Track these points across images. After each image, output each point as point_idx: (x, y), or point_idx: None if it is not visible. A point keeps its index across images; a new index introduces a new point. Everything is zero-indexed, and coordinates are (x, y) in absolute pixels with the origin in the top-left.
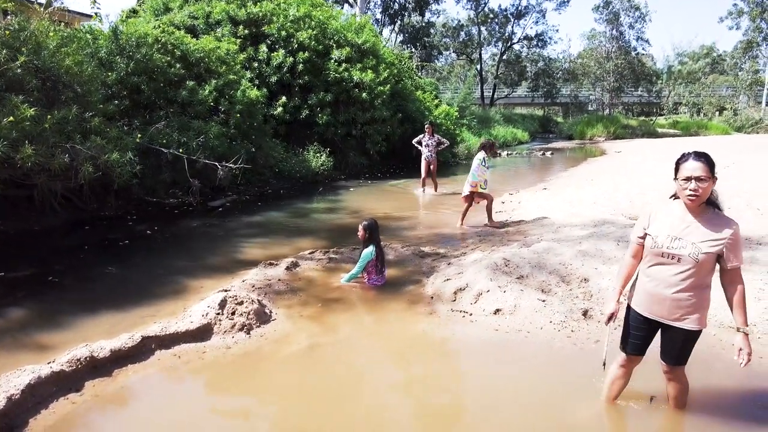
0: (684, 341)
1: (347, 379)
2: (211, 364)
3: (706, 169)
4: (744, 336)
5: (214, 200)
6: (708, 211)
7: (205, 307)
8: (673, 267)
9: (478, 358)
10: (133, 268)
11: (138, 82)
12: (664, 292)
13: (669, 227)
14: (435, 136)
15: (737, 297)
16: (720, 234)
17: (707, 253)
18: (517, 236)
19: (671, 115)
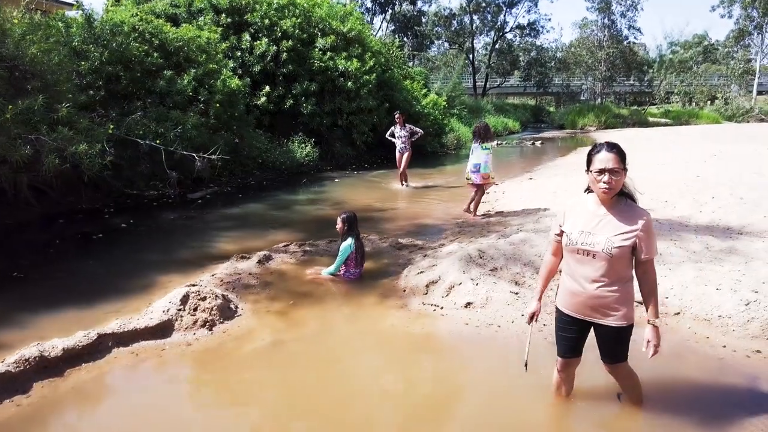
0: (616, 338)
1: (306, 377)
2: (170, 361)
3: (618, 160)
4: (653, 329)
5: (195, 192)
6: (621, 203)
7: (166, 303)
8: (589, 263)
9: (445, 354)
10: (102, 262)
11: (113, 71)
12: (584, 290)
13: (582, 223)
14: (407, 126)
15: (649, 289)
16: (632, 226)
17: (620, 246)
18: (497, 227)
19: (663, 104)
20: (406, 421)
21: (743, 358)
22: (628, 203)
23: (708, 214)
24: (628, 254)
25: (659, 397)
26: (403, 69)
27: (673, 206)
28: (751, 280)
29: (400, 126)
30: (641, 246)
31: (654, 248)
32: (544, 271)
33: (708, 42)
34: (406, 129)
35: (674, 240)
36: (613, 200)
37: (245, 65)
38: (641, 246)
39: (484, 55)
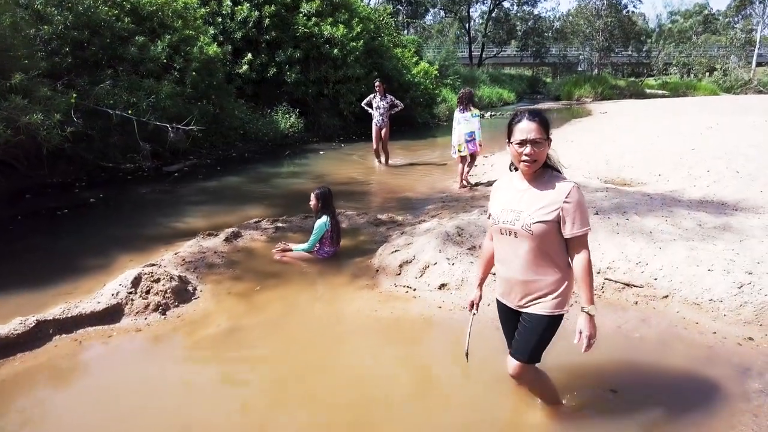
0: (536, 329)
1: (255, 369)
2: (115, 349)
3: (540, 130)
4: (587, 317)
5: (171, 165)
6: (544, 176)
7: (116, 286)
8: (512, 243)
9: (412, 342)
10: (63, 240)
11: (79, 37)
12: (511, 275)
13: (505, 200)
14: (387, 96)
15: (579, 271)
16: (554, 198)
17: (541, 221)
18: (482, 201)
19: (660, 75)
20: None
21: (734, 347)
22: (552, 175)
23: (702, 189)
24: (554, 231)
25: (641, 389)
26: (394, 36)
27: (666, 180)
28: (745, 260)
29: (380, 95)
30: (565, 220)
31: (583, 223)
32: (483, 258)
33: (708, 11)
34: (386, 99)
35: (665, 216)
36: (537, 173)
37: (226, 32)
38: (565, 220)
39: (480, 23)
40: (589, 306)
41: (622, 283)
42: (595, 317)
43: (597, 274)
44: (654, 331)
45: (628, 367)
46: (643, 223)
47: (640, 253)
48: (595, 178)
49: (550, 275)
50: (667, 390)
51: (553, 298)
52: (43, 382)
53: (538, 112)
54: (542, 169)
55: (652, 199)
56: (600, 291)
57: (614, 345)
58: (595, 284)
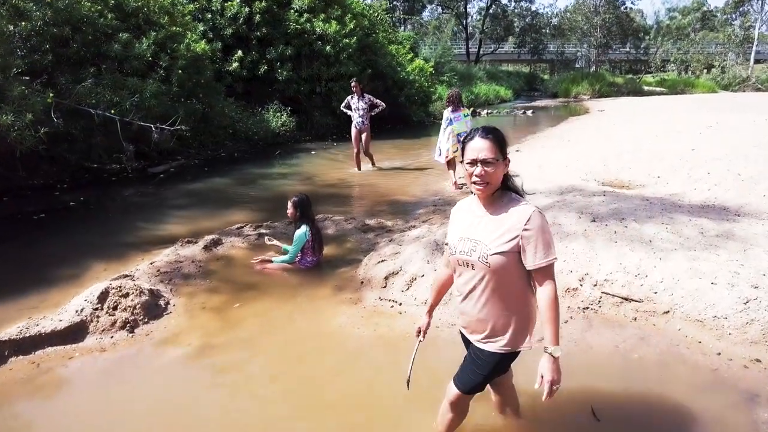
0: (486, 366)
1: (226, 393)
2: (75, 373)
3: (493, 149)
4: (550, 359)
5: (157, 166)
6: (503, 199)
7: (81, 302)
8: (469, 276)
9: (395, 363)
10: (35, 247)
11: (60, 33)
12: (469, 310)
13: (462, 228)
14: (365, 96)
15: (543, 306)
16: (513, 226)
17: (499, 252)
18: None
19: (659, 72)
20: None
21: (740, 369)
22: (512, 199)
23: (703, 192)
24: (513, 262)
25: (638, 419)
26: (389, 33)
27: (665, 182)
28: (750, 272)
29: (358, 96)
30: (525, 250)
31: (546, 252)
32: (436, 284)
33: (706, 8)
34: (365, 100)
35: (666, 224)
36: (493, 197)
37: (216, 28)
38: (525, 250)
39: (477, 20)
40: (552, 347)
41: (621, 297)
42: (559, 359)
43: (594, 287)
44: (654, 351)
45: (625, 393)
46: (642, 231)
47: (639, 264)
48: (592, 180)
49: (510, 311)
50: (667, 420)
51: (511, 334)
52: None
53: (492, 129)
54: (500, 193)
55: (652, 204)
56: (597, 306)
57: (612, 367)
58: (593, 298)
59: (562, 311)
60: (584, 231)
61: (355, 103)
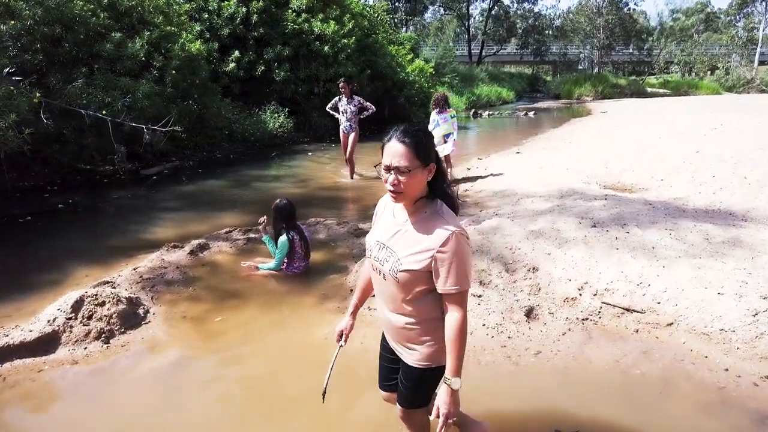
0: (411, 380)
1: (202, 410)
2: (43, 388)
3: (409, 155)
4: (448, 390)
5: (150, 168)
6: (427, 210)
7: (53, 311)
8: (382, 284)
9: None
10: (17, 251)
11: (50, 32)
12: (384, 315)
13: (382, 231)
14: (355, 98)
15: (449, 333)
16: (429, 244)
17: (408, 270)
18: (472, 209)
19: (662, 74)
20: None
21: (750, 388)
22: (436, 211)
23: (708, 196)
24: (425, 280)
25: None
26: (390, 34)
27: (669, 185)
28: (759, 282)
29: (347, 97)
30: (438, 272)
31: (458, 280)
32: (361, 281)
33: (710, 10)
34: (354, 102)
35: (669, 229)
36: (416, 207)
37: (213, 28)
38: (438, 272)
39: (480, 21)
40: (452, 378)
41: (622, 307)
42: (458, 392)
43: (593, 297)
44: (657, 367)
45: (626, 412)
46: (644, 237)
47: (641, 273)
48: (594, 182)
49: (423, 325)
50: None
51: (427, 350)
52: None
53: (413, 131)
54: (425, 201)
55: (655, 209)
56: (597, 317)
57: (612, 384)
58: (593, 308)
59: (560, 321)
60: (584, 237)
61: (343, 105)
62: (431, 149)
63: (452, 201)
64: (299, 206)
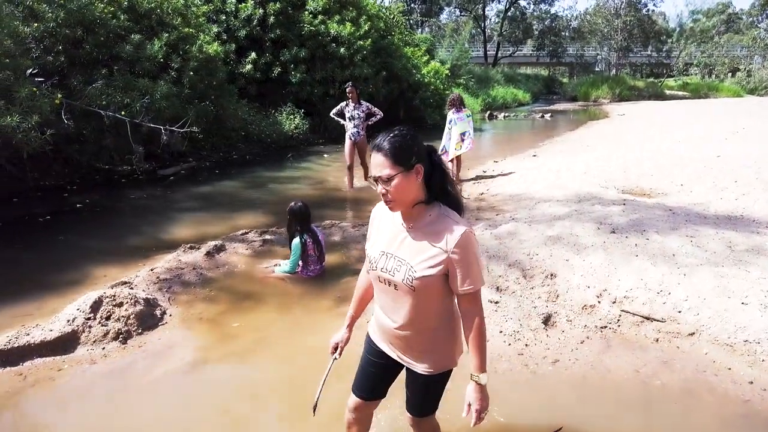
0: (424, 387)
1: (214, 413)
2: (62, 386)
3: (388, 162)
4: (476, 387)
5: (167, 168)
6: (429, 214)
7: (73, 311)
8: (393, 295)
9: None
10: (37, 250)
11: (72, 34)
12: (391, 327)
13: (385, 241)
14: (363, 104)
15: (470, 332)
16: (440, 247)
17: (424, 276)
18: (488, 213)
19: (681, 76)
20: None
21: None
22: (440, 213)
23: (730, 202)
24: (439, 285)
25: None
26: (406, 35)
27: (689, 191)
28: None
29: (354, 103)
30: (455, 274)
31: (474, 279)
32: (358, 293)
33: (732, 11)
34: (362, 107)
35: (690, 236)
36: (418, 210)
37: (230, 30)
38: (455, 274)
39: (496, 23)
40: (479, 374)
41: (641, 316)
42: (486, 386)
43: (612, 304)
44: (678, 377)
45: (646, 424)
46: (664, 244)
47: (661, 281)
48: (612, 187)
49: (434, 332)
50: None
51: (439, 356)
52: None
53: (388, 138)
54: (425, 205)
55: (675, 215)
56: (616, 325)
57: (632, 395)
58: (611, 316)
59: (578, 329)
60: (603, 243)
61: (350, 110)
62: (413, 151)
63: (454, 200)
64: (314, 208)
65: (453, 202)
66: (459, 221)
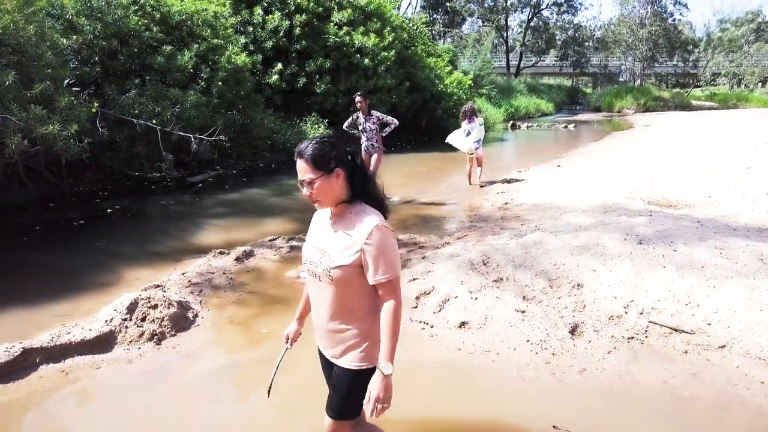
0: (344, 383)
1: (248, 414)
2: (101, 384)
3: (309, 168)
4: (380, 376)
5: (195, 175)
6: (352, 210)
7: (110, 312)
8: (319, 287)
9: (424, 390)
10: (72, 253)
11: (108, 46)
12: (320, 321)
13: (316, 235)
14: (373, 114)
15: (383, 320)
16: (357, 238)
17: (341, 266)
18: (513, 222)
19: (708, 86)
20: None
21: None
22: (359, 210)
23: (761, 214)
24: (356, 276)
25: None
26: (428, 46)
27: (717, 203)
28: None
29: (364, 114)
30: (367, 264)
31: (387, 269)
32: (305, 291)
33: (762, 19)
34: (372, 119)
35: (720, 248)
36: (340, 208)
37: (257, 41)
38: (367, 264)
39: (518, 33)
40: (384, 363)
41: (669, 327)
42: (390, 377)
43: (640, 315)
44: (708, 390)
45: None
46: (693, 256)
47: (690, 292)
48: (637, 198)
49: (358, 324)
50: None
51: (361, 350)
52: (17, 422)
53: (305, 146)
54: (348, 204)
55: (703, 227)
56: (643, 336)
57: (660, 406)
58: (639, 327)
59: (605, 339)
60: (630, 254)
61: (361, 123)
62: (332, 156)
63: (374, 199)
64: None
65: (373, 201)
66: (373, 216)
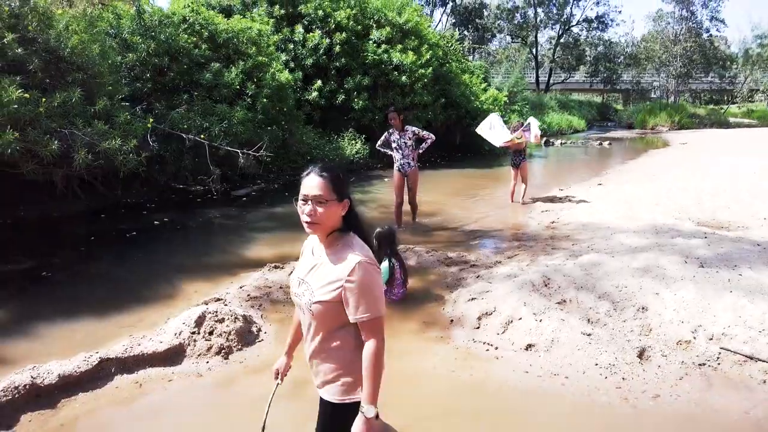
0: (328, 417)
1: None
2: (174, 396)
3: (327, 188)
4: (361, 418)
5: (239, 189)
6: (339, 243)
7: (179, 325)
8: (304, 320)
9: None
10: (129, 264)
11: (160, 63)
12: (307, 351)
13: (303, 267)
14: (408, 129)
15: (365, 361)
16: (340, 274)
17: (321, 301)
18: (563, 242)
19: (745, 103)
20: None
21: None
22: (347, 243)
23: None
24: (337, 311)
25: None
26: (462, 62)
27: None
28: None
29: (398, 130)
30: (348, 302)
31: (368, 308)
32: (295, 322)
33: None
34: (407, 134)
35: None
36: (331, 240)
37: (297, 58)
38: (348, 302)
39: (548, 49)
40: (367, 405)
41: (744, 355)
42: (373, 419)
43: (709, 341)
44: (737, 417)
45: None
46: (760, 280)
47: (762, 319)
48: (686, 219)
49: (339, 359)
50: None
51: (340, 384)
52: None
53: (331, 167)
54: (338, 235)
55: (766, 250)
56: (715, 362)
57: None
58: (710, 353)
59: (675, 365)
60: (693, 277)
61: (396, 139)
62: (346, 186)
63: (366, 237)
64: None
65: (363, 236)
66: (357, 252)
